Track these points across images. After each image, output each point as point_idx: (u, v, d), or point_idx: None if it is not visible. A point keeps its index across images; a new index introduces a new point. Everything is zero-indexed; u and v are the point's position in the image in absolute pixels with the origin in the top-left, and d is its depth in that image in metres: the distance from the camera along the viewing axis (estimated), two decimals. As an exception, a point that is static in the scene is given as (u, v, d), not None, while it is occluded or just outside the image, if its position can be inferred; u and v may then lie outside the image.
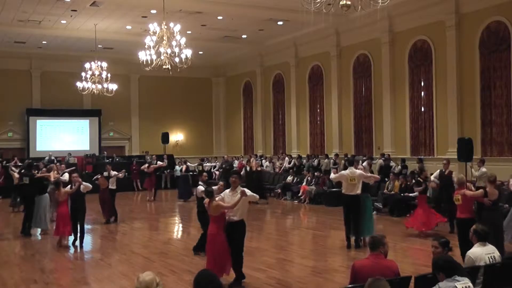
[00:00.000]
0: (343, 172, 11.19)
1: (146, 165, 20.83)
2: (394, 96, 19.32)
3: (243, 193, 7.77)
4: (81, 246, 11.31)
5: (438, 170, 13.31)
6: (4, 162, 22.51)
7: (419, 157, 17.71)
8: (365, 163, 18.22)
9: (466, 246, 7.54)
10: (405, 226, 12.41)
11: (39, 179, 13.75)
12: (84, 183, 11.54)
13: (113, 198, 14.77)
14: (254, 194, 8.25)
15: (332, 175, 11.85)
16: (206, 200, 8.01)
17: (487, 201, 8.72)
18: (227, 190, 8.25)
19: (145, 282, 3.69)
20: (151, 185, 20.43)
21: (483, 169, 13.43)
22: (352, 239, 10.88)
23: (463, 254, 7.84)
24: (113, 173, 15.18)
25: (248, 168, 19.87)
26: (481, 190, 8.96)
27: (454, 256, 5.49)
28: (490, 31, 16.03)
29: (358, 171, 11.01)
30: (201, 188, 10.04)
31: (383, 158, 18.49)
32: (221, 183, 9.59)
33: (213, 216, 7.91)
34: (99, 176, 14.92)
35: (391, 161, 18.29)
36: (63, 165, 17.02)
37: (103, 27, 21.01)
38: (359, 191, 10.80)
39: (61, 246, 11.28)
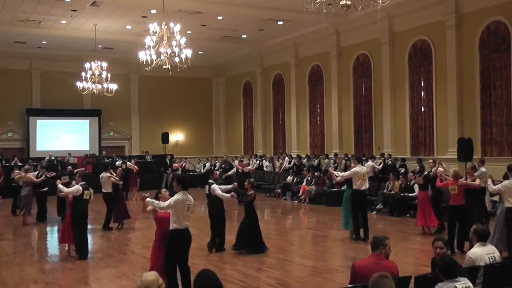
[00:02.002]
0: (356, 169, 11.62)
1: (135, 167, 20.65)
2: (394, 96, 19.32)
3: (143, 198, 7.48)
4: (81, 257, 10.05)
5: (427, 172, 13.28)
6: (3, 162, 22.50)
7: (419, 157, 17.72)
8: (370, 163, 18.27)
9: (454, 230, 9.97)
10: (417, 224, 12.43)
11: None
12: (60, 186, 10.35)
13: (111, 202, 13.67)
14: (155, 202, 7.35)
15: (341, 173, 12.44)
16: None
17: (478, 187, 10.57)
18: None
19: (146, 281, 3.67)
20: (135, 184, 20.87)
21: (483, 169, 13.41)
22: (361, 231, 11.53)
23: (452, 238, 9.74)
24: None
25: (240, 170, 19.76)
26: (478, 180, 10.50)
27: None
28: (490, 31, 16.03)
29: (365, 168, 12.19)
30: (216, 186, 10.30)
31: (383, 158, 18.52)
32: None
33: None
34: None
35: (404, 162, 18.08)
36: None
37: (103, 27, 21.00)
38: (367, 186, 11.86)
39: (69, 255, 10.30)
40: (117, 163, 20.51)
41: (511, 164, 9.84)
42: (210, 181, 10.56)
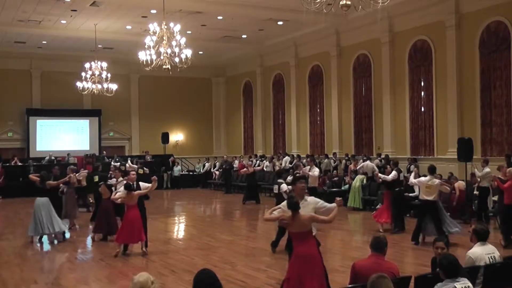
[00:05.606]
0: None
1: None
2: (394, 96, 19.31)
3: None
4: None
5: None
6: (3, 161, 22.52)
7: (414, 157, 17.79)
8: (369, 163, 18.29)
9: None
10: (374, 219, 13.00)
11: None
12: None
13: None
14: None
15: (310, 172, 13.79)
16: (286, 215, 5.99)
17: None
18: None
19: (139, 283, 3.66)
20: None
21: (487, 169, 13.43)
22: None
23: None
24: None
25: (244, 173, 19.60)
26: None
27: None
28: (490, 31, 16.02)
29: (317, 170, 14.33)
30: (284, 186, 10.83)
31: (379, 158, 18.51)
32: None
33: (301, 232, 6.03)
34: (102, 184, 12.47)
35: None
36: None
37: (103, 27, 21.01)
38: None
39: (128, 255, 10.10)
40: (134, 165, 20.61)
41: (432, 165, 11.19)
42: (280, 180, 10.84)
